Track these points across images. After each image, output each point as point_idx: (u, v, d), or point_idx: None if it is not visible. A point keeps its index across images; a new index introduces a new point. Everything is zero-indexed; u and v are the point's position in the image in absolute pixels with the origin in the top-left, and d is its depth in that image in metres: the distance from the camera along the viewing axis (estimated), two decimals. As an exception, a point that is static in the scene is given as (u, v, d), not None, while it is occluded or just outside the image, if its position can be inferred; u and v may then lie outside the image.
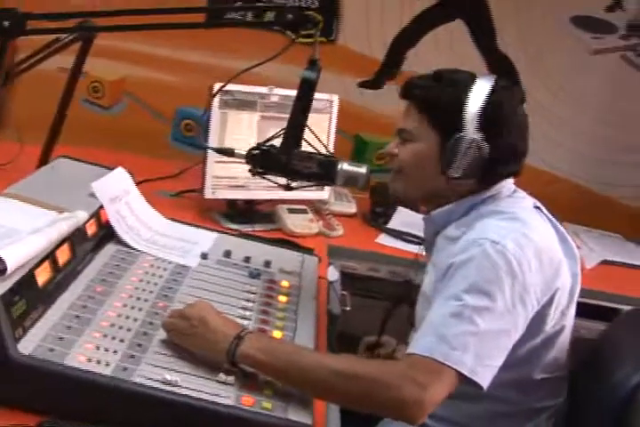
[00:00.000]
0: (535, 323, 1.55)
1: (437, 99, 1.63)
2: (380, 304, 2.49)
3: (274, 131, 2.43)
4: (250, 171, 1.82)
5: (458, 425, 1.68)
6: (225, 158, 2.35)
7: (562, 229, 1.69)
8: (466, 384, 1.41)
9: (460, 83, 1.63)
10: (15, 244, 1.41)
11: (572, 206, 3.07)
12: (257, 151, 1.77)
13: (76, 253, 1.66)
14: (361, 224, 2.70)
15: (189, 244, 1.99)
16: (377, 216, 2.70)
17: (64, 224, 1.58)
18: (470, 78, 1.64)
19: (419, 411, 1.35)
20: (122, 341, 1.45)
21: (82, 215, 1.68)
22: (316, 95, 2.52)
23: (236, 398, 1.38)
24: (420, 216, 1.76)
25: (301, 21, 1.71)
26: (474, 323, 1.42)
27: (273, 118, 2.46)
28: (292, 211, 2.50)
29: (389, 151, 1.74)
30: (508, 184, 1.69)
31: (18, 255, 1.39)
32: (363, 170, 1.77)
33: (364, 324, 2.08)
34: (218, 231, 2.16)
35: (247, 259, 1.98)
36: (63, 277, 1.58)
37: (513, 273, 1.47)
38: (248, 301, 1.76)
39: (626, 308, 2.47)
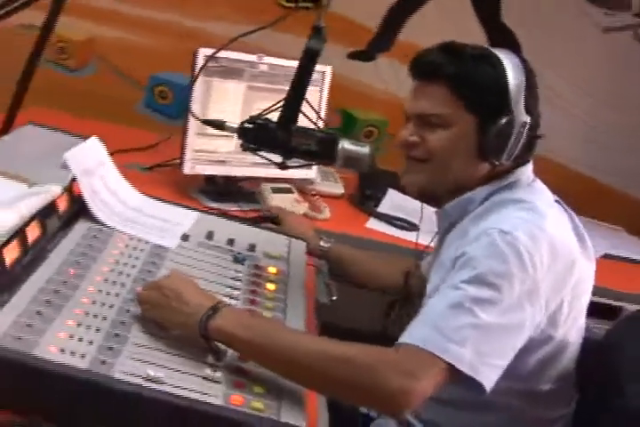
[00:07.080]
0: (546, 328, 1.50)
1: (475, 79, 1.55)
2: (368, 294, 2.45)
3: (261, 103, 2.38)
4: (242, 146, 1.75)
5: None
6: (207, 131, 2.31)
7: (581, 227, 1.62)
8: (466, 385, 1.35)
9: (491, 59, 1.56)
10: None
11: (567, 194, 3.03)
12: (251, 125, 1.70)
13: (46, 230, 1.59)
14: (348, 207, 2.64)
15: (169, 223, 1.92)
16: (366, 199, 2.64)
17: (35, 199, 1.51)
18: (493, 54, 1.57)
19: (405, 403, 1.30)
20: (98, 330, 1.39)
21: (54, 189, 1.61)
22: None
23: (224, 396, 1.32)
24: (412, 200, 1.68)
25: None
26: (474, 315, 1.36)
27: (261, 89, 2.39)
28: (276, 190, 2.43)
29: (407, 140, 1.63)
30: (528, 171, 1.64)
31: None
32: (365, 150, 1.69)
33: (351, 314, 2.01)
34: (199, 210, 2.09)
35: (231, 241, 1.92)
36: (32, 257, 1.51)
37: (524, 267, 1.41)
38: (233, 288, 1.70)
39: (627, 306, 2.46)
